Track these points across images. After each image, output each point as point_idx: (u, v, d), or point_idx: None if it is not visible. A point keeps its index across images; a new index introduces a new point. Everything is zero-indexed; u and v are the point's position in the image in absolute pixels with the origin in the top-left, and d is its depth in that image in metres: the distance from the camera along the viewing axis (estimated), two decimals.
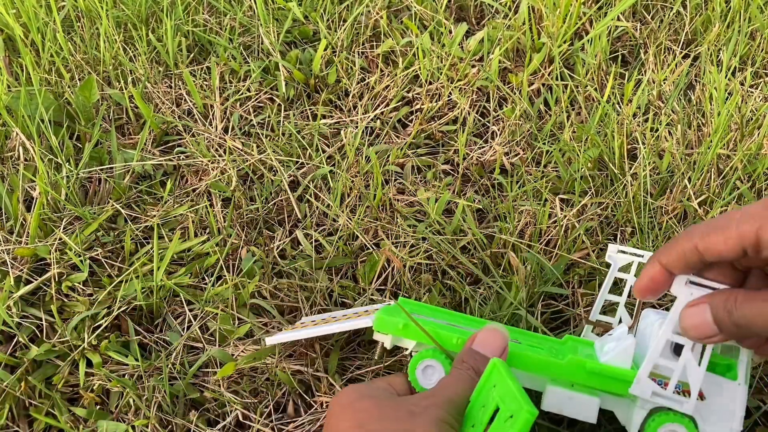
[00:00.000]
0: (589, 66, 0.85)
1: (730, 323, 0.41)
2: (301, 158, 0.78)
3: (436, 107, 0.83)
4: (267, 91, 0.85)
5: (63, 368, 0.62)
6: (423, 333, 0.49)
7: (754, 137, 0.76)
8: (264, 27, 0.90)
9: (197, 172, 0.78)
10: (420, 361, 0.49)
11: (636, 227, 0.70)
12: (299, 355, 0.63)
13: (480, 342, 0.47)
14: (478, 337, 0.48)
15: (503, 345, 0.47)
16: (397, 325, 0.51)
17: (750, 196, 0.72)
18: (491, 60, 0.86)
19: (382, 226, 0.72)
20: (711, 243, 0.41)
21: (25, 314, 0.65)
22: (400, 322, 0.51)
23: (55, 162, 0.76)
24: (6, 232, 0.70)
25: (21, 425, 0.60)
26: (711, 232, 0.41)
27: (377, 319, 0.52)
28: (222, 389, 0.61)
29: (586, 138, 0.77)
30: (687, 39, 0.91)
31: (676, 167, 0.75)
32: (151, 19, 0.93)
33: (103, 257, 0.69)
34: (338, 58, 0.88)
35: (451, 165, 0.79)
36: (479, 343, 0.47)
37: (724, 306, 0.41)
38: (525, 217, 0.72)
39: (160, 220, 0.72)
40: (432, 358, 0.49)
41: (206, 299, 0.66)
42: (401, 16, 0.94)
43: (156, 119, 0.81)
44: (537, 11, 0.90)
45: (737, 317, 0.40)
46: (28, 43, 0.89)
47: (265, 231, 0.73)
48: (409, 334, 0.51)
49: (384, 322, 0.52)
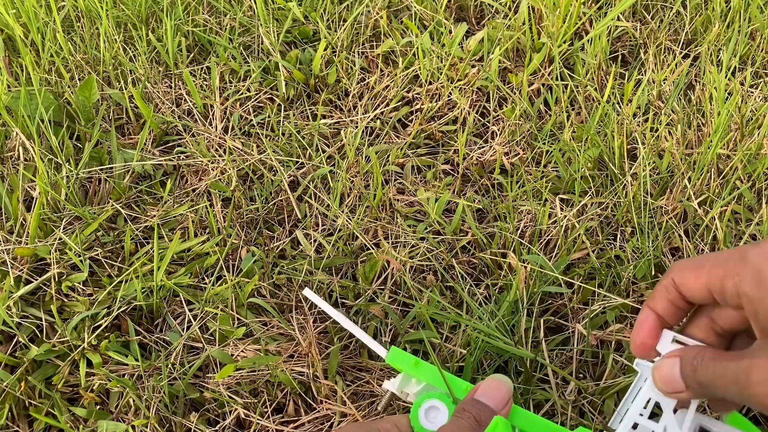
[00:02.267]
0: (589, 66, 0.85)
1: (694, 380, 0.39)
2: (300, 158, 0.78)
3: (436, 107, 0.83)
4: (267, 91, 0.85)
5: (63, 368, 0.62)
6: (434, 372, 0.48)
7: (754, 137, 0.76)
8: (264, 27, 0.90)
9: (197, 172, 0.78)
10: (425, 401, 0.48)
11: (636, 227, 0.70)
12: (300, 356, 0.63)
13: (483, 392, 0.46)
14: (482, 386, 0.46)
15: (507, 397, 0.46)
16: (410, 361, 0.50)
17: (750, 196, 0.72)
18: (491, 60, 0.86)
19: (382, 226, 0.72)
20: (684, 278, 0.40)
21: (25, 314, 0.65)
22: (412, 359, 0.50)
23: (55, 162, 0.76)
24: (6, 232, 0.70)
25: (21, 425, 0.60)
26: (687, 267, 0.40)
27: (392, 352, 0.51)
28: (222, 389, 0.61)
29: (586, 138, 0.77)
30: (687, 39, 0.91)
31: (676, 167, 0.75)
32: (151, 19, 0.93)
33: (103, 257, 0.69)
34: (338, 58, 0.88)
35: (451, 165, 0.79)
36: (482, 393, 0.46)
37: (692, 362, 0.39)
38: (525, 217, 0.72)
39: (160, 220, 0.72)
40: (438, 399, 0.48)
41: (206, 299, 0.66)
42: (401, 16, 0.94)
43: (156, 119, 0.81)
44: (537, 11, 0.90)
45: (700, 375, 0.38)
46: (28, 43, 0.89)
47: (265, 231, 0.73)
48: (421, 373, 0.50)
49: (398, 355, 0.51)
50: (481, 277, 0.69)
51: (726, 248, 0.68)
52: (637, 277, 0.66)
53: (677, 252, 0.70)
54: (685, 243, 0.69)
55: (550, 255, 0.69)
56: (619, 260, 0.69)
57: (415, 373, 0.50)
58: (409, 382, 0.51)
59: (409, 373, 0.50)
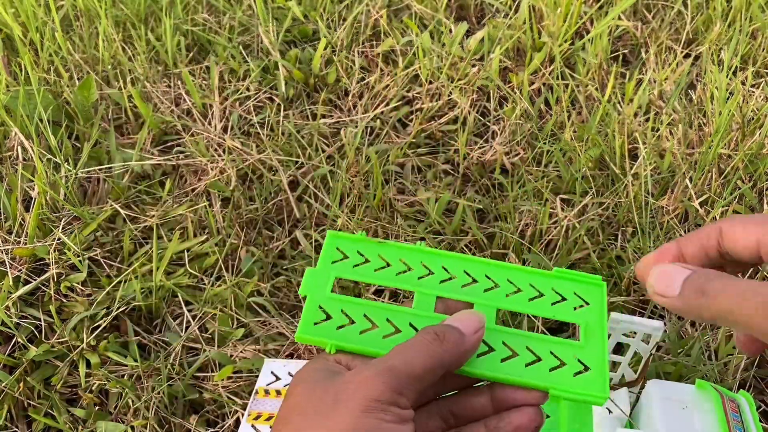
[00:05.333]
0: (590, 65, 0.85)
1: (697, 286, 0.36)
2: (300, 158, 0.78)
3: (436, 107, 0.83)
4: (266, 90, 0.85)
5: (62, 369, 0.61)
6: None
7: (756, 137, 0.76)
8: (263, 26, 0.90)
9: (196, 171, 0.78)
10: None
11: (637, 227, 0.70)
12: (299, 356, 0.62)
13: (453, 319, 0.38)
14: (452, 316, 0.39)
15: (479, 325, 0.38)
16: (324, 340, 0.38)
17: (751, 196, 0.72)
18: (492, 59, 0.86)
19: (382, 226, 0.71)
20: (734, 229, 0.40)
21: (23, 314, 0.64)
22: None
23: (53, 162, 0.75)
24: (5, 232, 0.70)
25: (20, 426, 0.60)
26: (738, 219, 0.40)
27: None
28: (221, 389, 0.61)
29: (587, 138, 0.77)
30: (688, 38, 0.90)
31: (678, 167, 0.75)
32: (150, 19, 0.93)
33: (102, 257, 0.68)
34: (338, 57, 0.87)
35: (452, 165, 0.79)
36: (452, 320, 0.38)
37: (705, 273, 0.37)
38: (525, 217, 0.72)
39: (159, 220, 0.72)
40: None
41: (205, 300, 0.65)
42: (401, 16, 0.94)
43: (155, 119, 0.81)
44: (537, 10, 0.90)
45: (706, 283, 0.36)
46: (26, 42, 0.89)
47: (264, 231, 0.72)
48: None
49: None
50: None
51: None
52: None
53: None
54: None
55: (550, 255, 0.69)
56: (620, 260, 0.68)
57: None
58: None
59: None
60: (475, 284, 0.41)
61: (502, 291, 0.41)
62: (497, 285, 0.41)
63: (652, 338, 0.50)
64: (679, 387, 0.51)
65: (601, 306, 0.40)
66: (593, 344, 0.39)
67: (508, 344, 0.38)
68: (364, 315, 0.39)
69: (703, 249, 0.41)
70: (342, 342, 0.37)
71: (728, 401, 0.48)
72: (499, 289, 0.41)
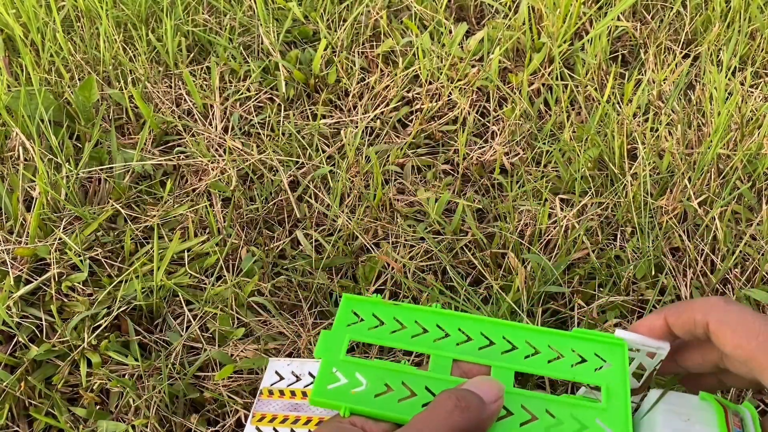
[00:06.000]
0: (589, 66, 0.85)
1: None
2: (300, 158, 0.78)
3: (436, 107, 0.83)
4: (267, 90, 0.85)
5: (63, 368, 0.62)
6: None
7: (755, 137, 0.76)
8: (264, 27, 0.90)
9: (197, 172, 0.78)
10: None
11: (636, 227, 0.70)
12: (299, 355, 0.63)
13: (472, 384, 0.37)
14: (471, 381, 0.37)
15: (499, 394, 0.36)
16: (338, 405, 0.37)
17: (750, 196, 0.72)
18: (491, 60, 0.86)
19: (382, 226, 0.72)
20: (719, 328, 0.38)
21: (25, 314, 0.65)
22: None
23: (54, 162, 0.76)
24: (6, 232, 0.70)
25: (21, 425, 0.60)
26: (726, 322, 0.38)
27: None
28: (221, 389, 0.61)
29: (586, 138, 0.77)
30: (687, 39, 0.90)
31: (676, 167, 0.75)
32: (151, 19, 0.93)
33: (102, 257, 0.69)
34: (338, 58, 0.88)
35: (451, 165, 0.79)
36: (471, 385, 0.37)
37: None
38: (525, 217, 0.72)
39: (160, 220, 0.72)
40: None
41: (206, 299, 0.66)
42: (401, 16, 0.94)
43: (156, 119, 0.81)
44: (537, 11, 0.90)
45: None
46: (27, 42, 0.89)
47: (264, 231, 0.73)
48: None
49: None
50: (481, 278, 0.69)
51: (726, 247, 0.68)
52: (637, 277, 0.66)
53: (677, 252, 0.70)
54: (686, 243, 0.69)
55: (550, 255, 0.69)
56: (619, 260, 0.69)
57: None
58: None
59: None
60: (492, 346, 0.40)
61: (521, 353, 0.40)
62: (515, 347, 0.40)
63: (657, 356, 0.50)
64: (683, 398, 0.50)
65: (623, 366, 0.39)
66: (616, 406, 0.37)
67: (527, 408, 0.37)
68: (379, 378, 0.38)
69: (689, 333, 0.40)
70: (356, 405, 0.37)
71: (732, 415, 0.48)
72: (517, 351, 0.40)
